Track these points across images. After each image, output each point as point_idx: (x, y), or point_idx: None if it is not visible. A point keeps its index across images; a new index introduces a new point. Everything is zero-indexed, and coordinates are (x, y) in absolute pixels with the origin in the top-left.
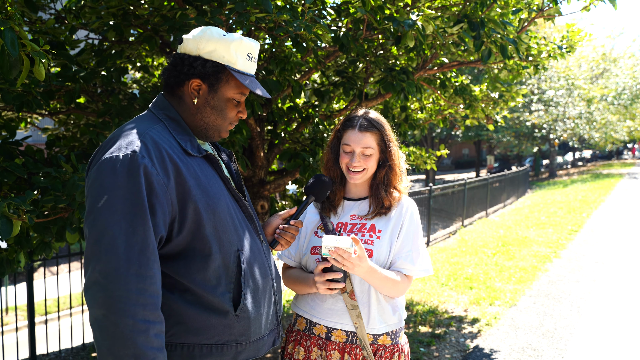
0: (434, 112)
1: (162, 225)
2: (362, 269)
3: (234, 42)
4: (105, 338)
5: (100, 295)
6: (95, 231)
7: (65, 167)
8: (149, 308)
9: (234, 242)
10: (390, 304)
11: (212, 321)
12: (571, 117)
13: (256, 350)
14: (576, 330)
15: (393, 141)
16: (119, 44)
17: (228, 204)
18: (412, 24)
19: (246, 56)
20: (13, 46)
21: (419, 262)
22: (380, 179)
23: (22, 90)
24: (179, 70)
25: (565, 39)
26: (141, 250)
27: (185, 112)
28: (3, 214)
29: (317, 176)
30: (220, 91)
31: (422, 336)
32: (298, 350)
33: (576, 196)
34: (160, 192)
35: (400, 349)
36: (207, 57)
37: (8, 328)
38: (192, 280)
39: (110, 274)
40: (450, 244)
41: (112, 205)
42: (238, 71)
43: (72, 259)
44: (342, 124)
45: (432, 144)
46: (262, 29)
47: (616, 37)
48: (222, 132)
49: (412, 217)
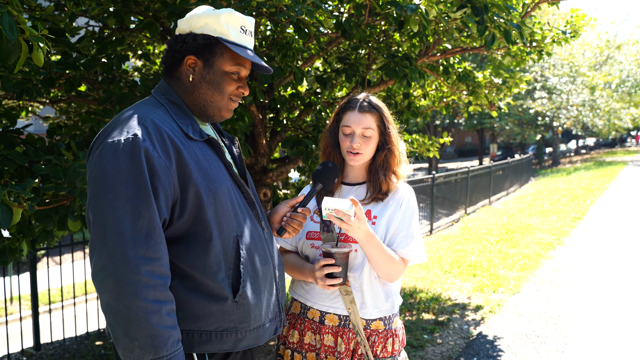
0: (437, 99)
1: (165, 208)
2: (361, 231)
3: (224, 14)
4: (119, 322)
5: (110, 280)
6: (100, 216)
7: (66, 154)
8: (159, 289)
9: (233, 227)
10: (383, 289)
11: (211, 308)
12: (574, 104)
13: (257, 338)
14: (579, 317)
15: (392, 124)
16: (120, 31)
17: (229, 188)
18: (415, 8)
19: (239, 29)
20: (11, 31)
21: (413, 246)
22: (380, 162)
23: (22, 78)
24: (173, 50)
25: (570, 24)
26: (148, 233)
27: (184, 92)
28: (3, 201)
29: (324, 163)
30: (215, 65)
31: (425, 323)
32: (293, 333)
33: (579, 184)
34: (163, 175)
35: (394, 334)
36: (199, 32)
37: (12, 317)
38: (193, 266)
39: (119, 259)
40: (453, 231)
41: (115, 189)
42: (231, 42)
43: (75, 249)
44: (341, 107)
45: (435, 131)
46: (263, 14)
47: (620, 24)
48: (222, 110)
49: (409, 203)
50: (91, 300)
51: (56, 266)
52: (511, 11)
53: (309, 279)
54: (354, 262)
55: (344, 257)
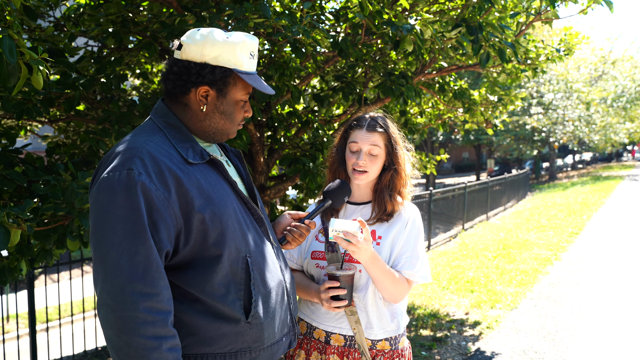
0: (434, 117)
1: (167, 240)
2: (367, 252)
3: (239, 45)
4: (121, 357)
5: (110, 317)
6: (100, 253)
7: (64, 175)
8: (159, 324)
9: (241, 248)
10: (389, 310)
11: (223, 330)
12: (570, 119)
13: (271, 355)
14: (577, 333)
15: (400, 144)
16: (118, 51)
17: (235, 208)
18: (411, 29)
19: (249, 55)
20: (11, 54)
21: (418, 268)
22: (385, 182)
23: (21, 98)
24: (185, 80)
25: (563, 42)
26: (145, 269)
27: (192, 119)
28: (2, 223)
29: (339, 181)
30: (228, 95)
31: (423, 340)
32: (299, 353)
33: (576, 199)
34: (162, 208)
35: (400, 355)
36: (214, 63)
37: (9, 336)
38: (201, 290)
39: (117, 295)
40: (451, 247)
41: (112, 226)
42: (245, 72)
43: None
44: (349, 125)
45: (432, 148)
46: (260, 35)
47: (615, 40)
48: (230, 134)
49: (414, 223)
50: (89, 319)
51: (54, 284)
52: (505, 30)
53: (315, 299)
54: (358, 283)
55: (349, 280)
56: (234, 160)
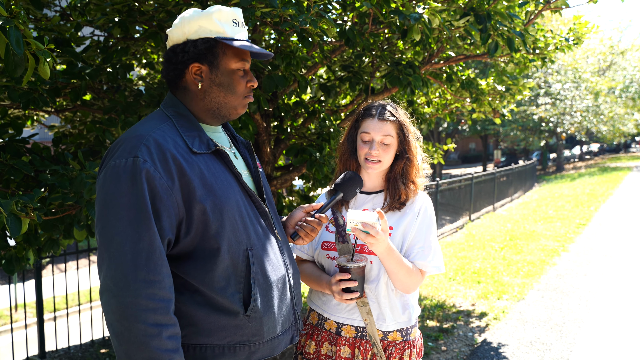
0: (441, 107)
1: (169, 229)
2: (384, 244)
3: (215, 12)
4: (121, 343)
5: (112, 302)
6: (104, 239)
7: (72, 164)
8: (160, 312)
9: (242, 241)
10: (400, 301)
11: (222, 322)
12: (578, 110)
13: (271, 350)
14: (585, 324)
15: (412, 132)
16: (125, 41)
17: (238, 201)
18: (418, 17)
19: (232, 22)
20: (18, 45)
21: (431, 258)
22: (398, 171)
23: (28, 88)
24: (175, 62)
25: (572, 31)
26: (148, 256)
27: (193, 100)
28: (12, 212)
29: (350, 173)
30: (221, 66)
31: (430, 330)
32: (310, 343)
33: (584, 190)
34: (165, 196)
35: (412, 346)
36: (195, 37)
37: (17, 325)
38: (202, 281)
39: (120, 281)
40: (457, 238)
41: (117, 213)
42: (230, 38)
43: (80, 256)
44: (361, 114)
45: (438, 138)
46: (267, 24)
47: (624, 29)
48: (238, 108)
49: (426, 212)
50: (96, 308)
51: (61, 274)
52: (514, 19)
53: (326, 290)
54: (369, 274)
55: (360, 271)
56: (243, 152)
